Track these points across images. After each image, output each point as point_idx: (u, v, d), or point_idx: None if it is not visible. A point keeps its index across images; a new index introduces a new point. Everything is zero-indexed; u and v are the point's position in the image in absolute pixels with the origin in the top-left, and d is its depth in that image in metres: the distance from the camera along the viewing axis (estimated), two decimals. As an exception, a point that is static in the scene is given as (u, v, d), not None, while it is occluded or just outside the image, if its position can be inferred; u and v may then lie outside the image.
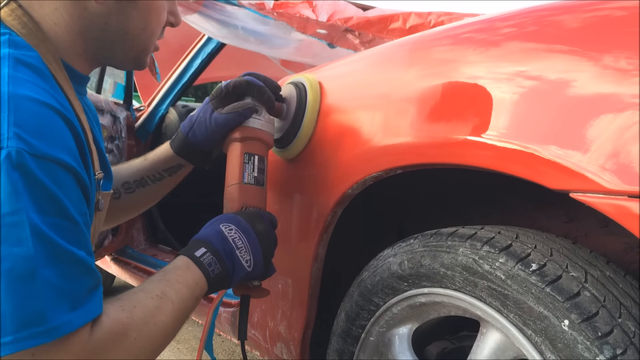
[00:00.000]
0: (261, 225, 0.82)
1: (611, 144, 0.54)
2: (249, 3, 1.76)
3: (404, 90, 0.79)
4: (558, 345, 0.60)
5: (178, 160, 0.98)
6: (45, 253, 0.53)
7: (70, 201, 0.57)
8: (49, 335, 0.53)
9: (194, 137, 0.94)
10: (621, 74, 0.55)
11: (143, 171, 0.99)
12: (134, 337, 0.61)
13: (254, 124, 0.90)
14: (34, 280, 0.52)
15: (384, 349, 0.87)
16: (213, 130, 0.91)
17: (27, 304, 0.52)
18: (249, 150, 0.89)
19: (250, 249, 0.79)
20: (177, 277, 0.71)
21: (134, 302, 0.64)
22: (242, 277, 0.79)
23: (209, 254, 0.75)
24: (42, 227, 0.53)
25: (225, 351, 2.03)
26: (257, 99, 0.91)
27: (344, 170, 0.88)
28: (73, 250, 0.56)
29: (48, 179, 0.55)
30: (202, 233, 0.79)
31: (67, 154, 0.58)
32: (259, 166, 0.89)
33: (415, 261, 0.77)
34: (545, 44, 0.63)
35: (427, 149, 0.74)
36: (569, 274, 0.63)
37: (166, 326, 0.67)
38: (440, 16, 1.68)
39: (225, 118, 0.89)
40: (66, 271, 0.55)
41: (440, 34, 0.80)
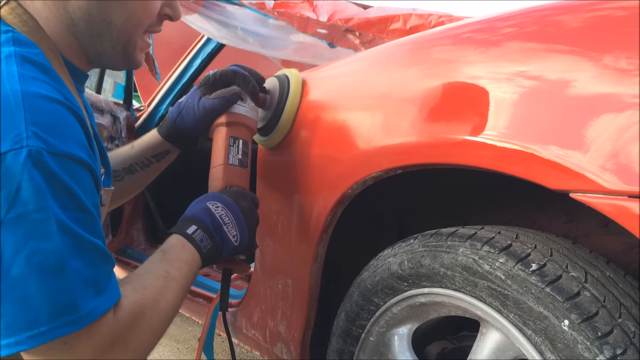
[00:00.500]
0: (245, 202, 0.85)
1: (611, 144, 0.54)
2: (249, 2, 1.76)
3: (403, 90, 0.79)
4: (558, 345, 0.60)
5: (166, 146, 1.00)
6: (71, 246, 0.56)
7: (85, 194, 0.59)
8: (81, 322, 0.55)
9: (182, 123, 0.97)
10: (621, 74, 0.55)
11: (130, 159, 1.01)
12: (149, 316, 0.65)
13: (239, 110, 0.95)
14: (63, 273, 0.54)
15: (384, 349, 0.87)
16: (201, 115, 0.95)
17: (59, 295, 0.54)
18: (234, 134, 0.93)
19: (236, 224, 0.82)
20: (176, 256, 0.74)
21: (143, 284, 0.67)
22: (230, 251, 0.82)
23: (200, 231, 0.78)
24: (67, 221, 0.56)
25: (225, 351, 2.03)
26: (242, 87, 0.96)
27: (341, 168, 0.88)
28: (93, 239, 0.59)
29: (66, 176, 0.57)
30: (190, 212, 0.81)
31: (80, 149, 0.60)
32: (243, 149, 0.93)
33: (415, 261, 0.77)
34: (545, 44, 0.63)
35: (427, 149, 0.74)
36: (569, 274, 0.63)
37: (174, 303, 0.70)
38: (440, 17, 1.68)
39: (212, 103, 0.94)
40: (90, 260, 0.58)
41: (441, 34, 0.80)
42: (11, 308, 0.53)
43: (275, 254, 1.08)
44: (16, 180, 0.53)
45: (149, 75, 2.37)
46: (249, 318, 1.20)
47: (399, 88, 0.79)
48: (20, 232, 0.53)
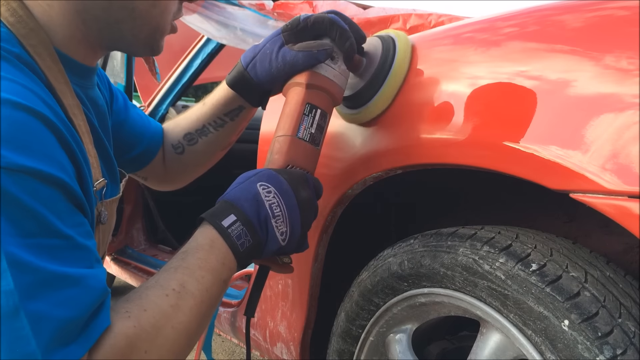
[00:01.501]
0: (305, 191, 0.70)
1: (611, 144, 0.54)
2: (249, 3, 1.76)
3: (403, 89, 0.79)
4: (558, 345, 0.60)
5: (238, 102, 0.86)
6: (29, 284, 0.45)
7: (57, 216, 0.49)
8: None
9: (254, 72, 0.81)
10: (622, 73, 0.55)
11: (203, 118, 0.90)
12: (144, 350, 0.52)
13: (326, 71, 0.77)
14: (17, 318, 0.44)
15: (383, 349, 0.87)
16: (278, 67, 0.78)
17: (16, 344, 0.45)
18: (312, 101, 0.76)
19: (289, 219, 0.67)
20: (199, 262, 0.60)
21: (144, 305, 0.54)
22: (274, 251, 0.68)
23: (239, 224, 0.63)
24: (22, 254, 0.46)
25: (225, 351, 2.03)
26: (337, 43, 0.77)
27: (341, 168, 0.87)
28: (67, 271, 0.48)
29: (26, 195, 0.47)
30: (233, 192, 0.66)
31: (50, 164, 0.50)
32: (319, 122, 0.76)
33: (415, 261, 0.77)
34: (545, 44, 0.63)
35: (427, 149, 0.74)
36: (569, 274, 0.63)
37: (189, 326, 0.56)
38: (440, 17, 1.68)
39: (295, 56, 0.76)
40: (61, 298, 0.47)
41: (441, 34, 0.80)
42: None
43: (275, 254, 1.08)
44: None
45: (149, 75, 2.37)
46: (249, 318, 1.20)
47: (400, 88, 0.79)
48: None
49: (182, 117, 0.94)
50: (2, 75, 0.51)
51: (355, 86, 0.82)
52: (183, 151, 0.91)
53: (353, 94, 0.82)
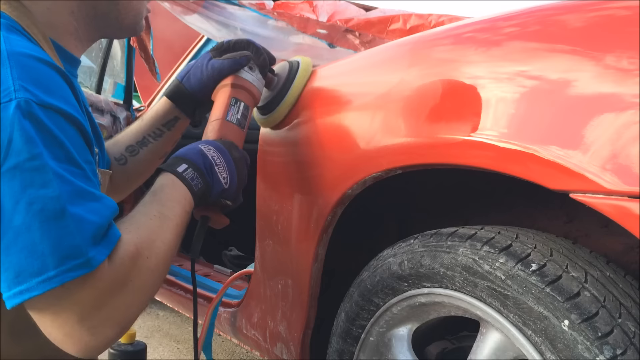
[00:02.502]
0: (237, 153, 0.85)
1: (611, 144, 0.54)
2: (249, 3, 1.76)
3: (403, 89, 0.79)
4: (558, 345, 0.60)
5: (174, 112, 1.00)
6: (69, 192, 0.56)
7: (75, 149, 0.59)
8: (89, 265, 0.55)
9: (188, 83, 0.97)
10: (622, 73, 0.55)
11: (142, 131, 1.02)
12: (146, 256, 0.63)
13: (246, 76, 0.94)
14: (64, 218, 0.55)
15: (383, 349, 0.87)
16: (208, 74, 0.94)
17: (63, 239, 0.54)
18: (237, 96, 0.92)
19: (227, 167, 0.81)
20: (167, 196, 0.73)
21: (137, 224, 0.66)
22: (219, 192, 0.81)
23: (191, 170, 0.76)
24: (60, 170, 0.56)
25: (225, 351, 2.03)
26: (253, 56, 0.96)
27: (341, 168, 0.88)
28: (91, 189, 0.59)
29: (56, 128, 0.57)
30: (181, 151, 0.80)
31: (68, 104, 0.61)
32: (244, 112, 0.92)
33: (415, 261, 0.77)
34: (546, 44, 0.63)
35: (427, 150, 0.74)
36: (569, 274, 0.63)
37: (170, 242, 0.69)
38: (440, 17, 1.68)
39: (221, 63, 0.93)
40: (90, 207, 0.58)
41: (441, 34, 0.80)
42: (19, 257, 0.54)
43: (275, 254, 1.08)
44: (7, 131, 0.54)
45: (149, 75, 2.37)
46: (249, 318, 1.20)
47: (400, 88, 0.79)
48: (17, 181, 0.54)
49: (121, 135, 1.05)
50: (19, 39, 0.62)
51: (269, 97, 1.03)
52: (126, 162, 1.02)
53: (264, 104, 1.03)
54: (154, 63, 2.31)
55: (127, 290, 0.61)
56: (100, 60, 2.32)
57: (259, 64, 0.97)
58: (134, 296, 0.62)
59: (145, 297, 0.65)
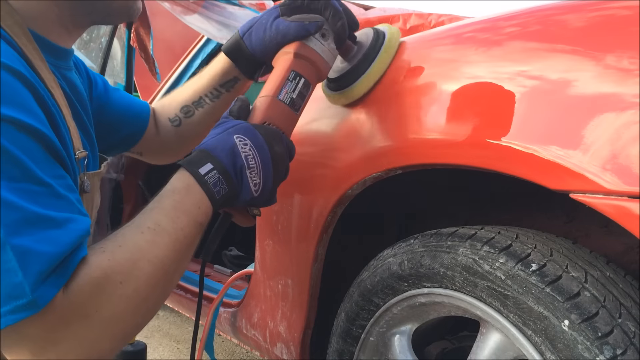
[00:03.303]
0: (280, 147, 0.72)
1: (611, 144, 0.54)
2: (249, 3, 1.76)
3: (404, 89, 0.79)
4: (558, 345, 0.60)
5: (234, 72, 0.90)
6: (15, 221, 0.48)
7: (36, 164, 0.52)
8: (34, 306, 0.48)
9: (249, 40, 0.85)
10: (622, 73, 0.55)
11: (200, 90, 0.94)
12: (119, 281, 0.54)
13: (315, 45, 0.80)
14: (5, 252, 0.47)
15: (383, 349, 0.87)
16: (271, 36, 0.82)
17: (4, 277, 0.48)
18: (297, 69, 0.79)
19: (262, 171, 0.69)
20: (174, 204, 0.63)
21: (119, 241, 0.57)
22: (246, 201, 0.70)
23: (216, 172, 0.65)
24: (7, 194, 0.48)
25: (225, 351, 2.03)
26: (329, 22, 0.81)
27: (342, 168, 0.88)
28: (49, 213, 0.51)
29: (9, 143, 0.50)
30: (210, 142, 0.68)
31: (28, 115, 0.53)
32: (302, 90, 0.79)
33: (415, 261, 0.77)
34: (546, 44, 0.63)
35: (427, 150, 0.74)
36: (569, 274, 0.63)
37: (164, 261, 0.59)
38: (440, 17, 1.68)
39: (287, 26, 0.80)
40: (43, 236, 0.50)
41: (442, 34, 0.80)
42: None
43: (275, 254, 1.08)
44: None
45: (149, 75, 2.37)
46: (249, 318, 1.20)
47: (399, 88, 0.79)
48: None
49: (178, 92, 0.98)
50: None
51: (342, 70, 0.86)
52: (180, 123, 0.95)
53: (338, 76, 0.86)
54: (154, 63, 2.31)
55: (90, 322, 0.52)
56: (100, 60, 2.32)
57: (336, 31, 0.81)
58: (101, 329, 0.53)
59: (121, 328, 0.55)
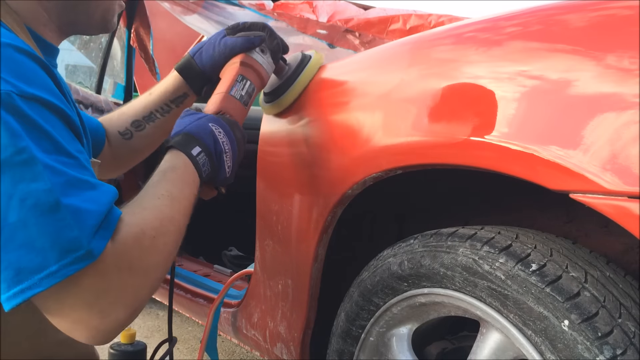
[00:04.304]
0: (239, 133, 0.83)
1: (611, 144, 0.54)
2: (249, 3, 1.76)
3: (404, 90, 0.79)
4: (558, 345, 0.60)
5: (184, 89, 1.00)
6: (62, 183, 0.54)
7: (63, 139, 0.58)
8: (91, 256, 0.54)
9: (200, 58, 0.97)
10: (622, 73, 0.55)
11: (150, 105, 1.01)
12: (152, 236, 0.62)
13: (257, 57, 0.94)
14: (59, 210, 0.53)
15: (383, 349, 0.87)
16: (220, 51, 0.94)
17: (61, 232, 0.53)
18: (244, 74, 0.92)
19: (233, 155, 0.80)
20: (178, 176, 0.71)
21: (143, 205, 0.65)
22: (220, 181, 0.80)
23: (204, 155, 0.75)
24: (51, 162, 0.54)
25: (225, 351, 2.03)
26: (266, 41, 0.96)
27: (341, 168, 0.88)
28: (85, 177, 0.58)
29: (41, 119, 0.56)
30: (193, 128, 0.77)
31: (51, 94, 0.59)
32: (248, 90, 0.91)
33: (415, 261, 0.77)
34: (547, 44, 0.63)
35: (427, 150, 0.74)
36: (569, 274, 0.63)
37: (180, 222, 0.68)
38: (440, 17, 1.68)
39: (234, 41, 0.93)
40: (86, 196, 0.56)
41: (442, 34, 0.80)
42: (18, 254, 0.52)
43: (275, 255, 1.08)
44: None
45: (149, 75, 2.37)
46: (249, 318, 1.20)
47: (400, 88, 0.80)
48: (7, 177, 0.52)
49: (127, 107, 1.05)
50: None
51: (276, 84, 1.02)
52: (131, 137, 1.02)
53: (271, 90, 1.02)
54: (154, 63, 2.31)
55: (133, 272, 0.59)
56: (100, 60, 2.32)
57: (272, 49, 0.96)
58: (141, 277, 0.61)
59: (154, 278, 0.63)
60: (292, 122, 1.00)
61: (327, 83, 0.97)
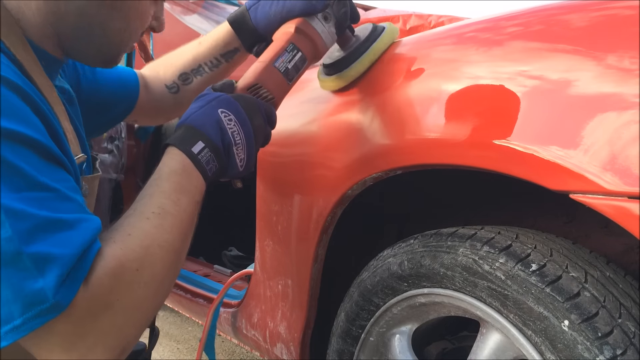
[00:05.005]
0: (258, 119, 0.74)
1: (611, 144, 0.54)
2: (249, 3, 1.76)
3: (404, 90, 0.79)
4: (558, 345, 0.60)
5: (235, 43, 0.93)
6: (27, 229, 0.50)
7: (39, 172, 0.53)
8: (57, 309, 0.50)
9: (254, 13, 0.88)
10: (623, 73, 0.55)
11: (199, 57, 0.95)
12: (135, 268, 0.56)
13: (317, 25, 0.84)
14: (21, 260, 0.49)
15: (383, 349, 0.87)
16: (277, 11, 0.85)
17: (24, 284, 0.49)
18: (297, 43, 0.82)
19: (246, 146, 0.71)
20: (173, 186, 0.64)
21: (127, 230, 0.58)
22: (232, 175, 0.73)
23: (208, 151, 0.67)
24: (16, 205, 0.49)
25: (225, 351, 2.03)
26: (333, 8, 0.85)
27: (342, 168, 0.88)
28: (60, 216, 0.52)
29: (11, 154, 0.51)
30: (196, 118, 0.69)
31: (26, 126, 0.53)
32: (297, 63, 0.82)
33: (415, 261, 0.77)
34: (547, 44, 0.63)
35: (427, 150, 0.74)
36: (569, 274, 0.63)
37: (174, 243, 0.61)
38: (440, 17, 1.68)
39: (293, 2, 0.83)
40: (58, 239, 0.51)
41: (442, 34, 0.80)
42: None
43: (275, 255, 1.08)
44: None
45: (149, 75, 2.36)
46: (249, 318, 1.20)
47: (400, 88, 0.79)
48: None
49: (175, 56, 0.99)
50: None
51: (339, 56, 0.89)
52: (178, 90, 0.97)
53: (332, 62, 0.89)
54: (154, 63, 2.30)
55: (113, 312, 0.54)
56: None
57: (338, 17, 0.85)
58: (124, 316, 0.55)
59: (141, 314, 0.58)
60: (293, 117, 0.99)
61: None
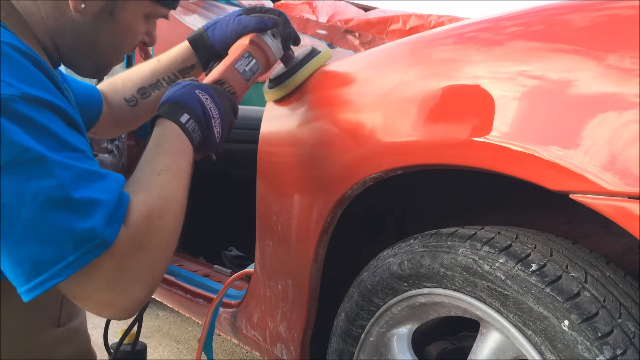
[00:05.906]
0: (227, 103, 0.83)
1: (611, 145, 0.54)
2: (248, 3, 1.76)
3: (404, 90, 0.79)
4: (558, 345, 0.60)
5: (192, 60, 1.02)
6: (72, 177, 0.56)
7: (67, 135, 0.60)
8: (106, 244, 0.56)
9: (212, 33, 0.99)
10: (623, 73, 0.55)
11: (158, 73, 1.03)
12: (157, 216, 0.64)
13: (267, 39, 0.96)
14: (72, 203, 0.55)
15: (383, 349, 0.87)
16: (232, 28, 0.96)
17: (76, 224, 0.55)
18: (251, 52, 0.93)
19: (221, 121, 0.80)
20: (172, 148, 0.72)
21: (144, 184, 0.66)
22: (211, 146, 0.81)
23: (192, 121, 0.75)
24: (58, 157, 0.56)
25: (225, 351, 2.03)
26: (280, 28, 0.97)
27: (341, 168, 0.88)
28: (94, 169, 0.60)
29: (43, 119, 0.57)
30: (179, 95, 0.78)
31: (50, 94, 0.60)
32: (252, 68, 0.93)
33: (415, 261, 0.77)
34: (547, 44, 0.63)
35: (427, 150, 0.74)
36: (569, 274, 0.63)
37: (180, 196, 0.69)
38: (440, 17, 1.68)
39: (248, 19, 0.95)
40: (96, 187, 0.59)
41: (443, 34, 0.80)
42: (34, 249, 0.54)
43: (275, 255, 1.08)
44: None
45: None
46: (249, 318, 1.20)
47: (400, 88, 0.80)
48: (17, 176, 0.54)
49: (133, 73, 1.06)
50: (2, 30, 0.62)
51: (279, 72, 1.03)
52: (137, 104, 1.05)
53: (275, 77, 1.03)
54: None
55: (146, 251, 0.62)
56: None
57: (283, 35, 0.98)
58: (154, 255, 0.63)
59: (165, 256, 0.65)
60: (293, 117, 1.00)
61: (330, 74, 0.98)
